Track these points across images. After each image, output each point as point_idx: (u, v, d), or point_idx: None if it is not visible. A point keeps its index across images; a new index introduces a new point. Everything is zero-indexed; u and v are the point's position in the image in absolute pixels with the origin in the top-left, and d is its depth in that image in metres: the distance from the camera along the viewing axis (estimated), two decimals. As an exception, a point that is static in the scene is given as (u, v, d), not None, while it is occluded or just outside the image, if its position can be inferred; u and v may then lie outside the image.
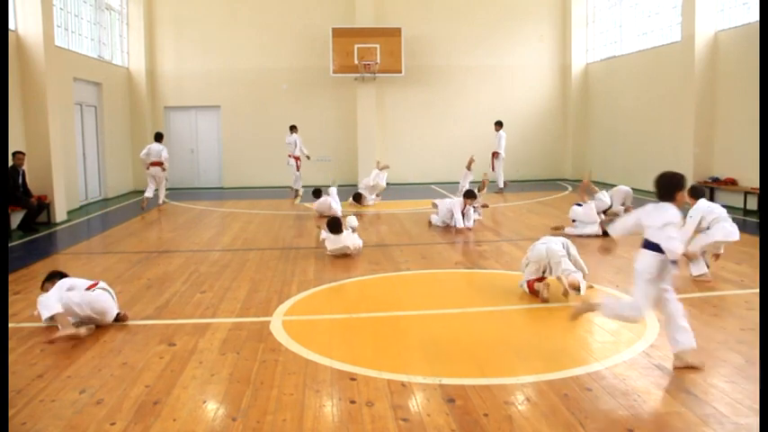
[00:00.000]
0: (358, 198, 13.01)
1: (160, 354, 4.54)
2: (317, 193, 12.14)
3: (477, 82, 18.15)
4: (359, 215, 10.64)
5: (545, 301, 5.71)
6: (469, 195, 9.85)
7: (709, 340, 4.65)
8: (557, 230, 9.19)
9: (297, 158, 15.35)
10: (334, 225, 7.94)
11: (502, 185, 15.42)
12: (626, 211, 10.10)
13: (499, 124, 15.63)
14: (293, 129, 15.38)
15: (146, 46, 17.28)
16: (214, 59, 17.60)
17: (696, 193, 6.53)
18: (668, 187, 4.09)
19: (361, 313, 5.58)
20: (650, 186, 13.25)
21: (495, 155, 15.51)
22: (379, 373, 4.09)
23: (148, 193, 12.97)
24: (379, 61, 16.87)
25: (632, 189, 13.51)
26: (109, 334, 5.01)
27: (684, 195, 4.38)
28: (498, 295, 6.35)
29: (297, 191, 15.35)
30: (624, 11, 16.44)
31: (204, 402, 3.74)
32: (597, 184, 16.85)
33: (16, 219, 10.42)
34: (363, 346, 4.73)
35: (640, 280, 4.06)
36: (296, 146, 15.30)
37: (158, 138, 13.25)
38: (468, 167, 11.71)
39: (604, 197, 10.08)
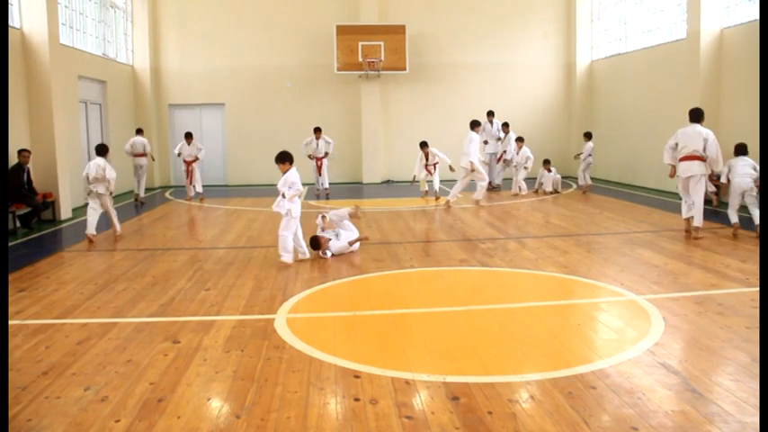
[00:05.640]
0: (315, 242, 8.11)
1: (164, 351, 4.55)
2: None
3: (482, 79, 18.11)
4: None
5: None
6: None
7: (714, 338, 4.64)
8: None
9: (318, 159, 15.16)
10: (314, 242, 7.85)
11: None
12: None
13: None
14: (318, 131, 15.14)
15: (150, 44, 17.31)
16: (218, 57, 17.62)
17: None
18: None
19: (365, 311, 5.59)
20: (654, 184, 13.08)
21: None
22: (383, 370, 4.09)
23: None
24: (383, 59, 16.86)
25: (637, 186, 13.54)
26: (113, 331, 5.02)
27: None
28: (503, 293, 6.34)
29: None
30: (629, 8, 16.35)
31: (208, 400, 3.74)
32: (599, 181, 16.87)
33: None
34: (367, 343, 4.73)
35: None
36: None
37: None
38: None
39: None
